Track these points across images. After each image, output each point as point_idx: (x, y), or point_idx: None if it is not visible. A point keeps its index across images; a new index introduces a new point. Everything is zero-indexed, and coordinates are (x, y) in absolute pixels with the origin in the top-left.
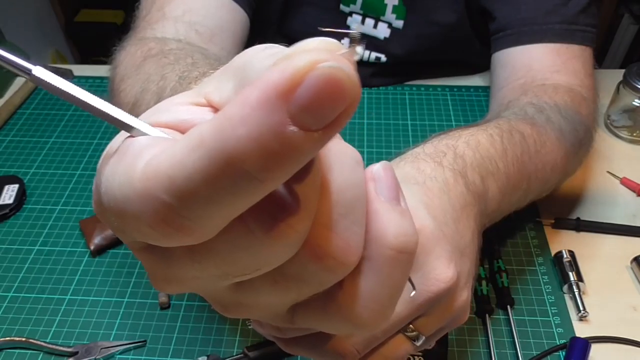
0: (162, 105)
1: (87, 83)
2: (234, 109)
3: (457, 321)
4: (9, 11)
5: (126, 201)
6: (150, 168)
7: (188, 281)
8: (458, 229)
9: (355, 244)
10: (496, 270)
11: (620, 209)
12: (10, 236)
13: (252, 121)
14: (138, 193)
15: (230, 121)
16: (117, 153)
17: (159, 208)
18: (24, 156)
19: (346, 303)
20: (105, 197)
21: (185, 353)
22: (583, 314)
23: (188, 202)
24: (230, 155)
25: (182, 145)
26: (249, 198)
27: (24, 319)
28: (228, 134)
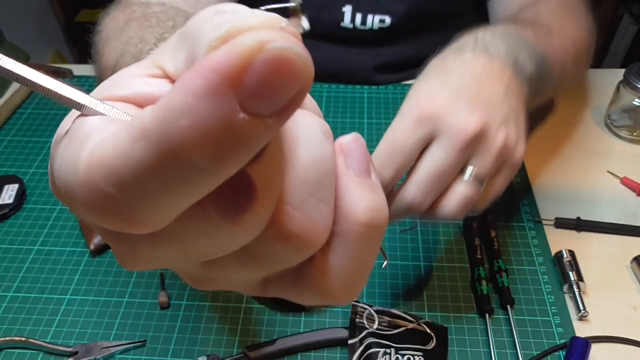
0: (117, 77)
1: (87, 83)
2: (176, 97)
3: (508, 162)
4: (9, 11)
5: (72, 190)
6: (94, 157)
7: (154, 261)
8: (482, 91)
9: (323, 223)
10: (496, 270)
11: (620, 208)
12: (10, 236)
13: (197, 110)
14: (82, 183)
15: (173, 111)
16: (66, 135)
17: (103, 200)
18: (24, 156)
19: (317, 278)
20: (57, 181)
21: (185, 353)
22: (583, 314)
23: (134, 194)
24: (174, 147)
25: (125, 135)
26: (200, 189)
27: (24, 318)
28: (171, 124)
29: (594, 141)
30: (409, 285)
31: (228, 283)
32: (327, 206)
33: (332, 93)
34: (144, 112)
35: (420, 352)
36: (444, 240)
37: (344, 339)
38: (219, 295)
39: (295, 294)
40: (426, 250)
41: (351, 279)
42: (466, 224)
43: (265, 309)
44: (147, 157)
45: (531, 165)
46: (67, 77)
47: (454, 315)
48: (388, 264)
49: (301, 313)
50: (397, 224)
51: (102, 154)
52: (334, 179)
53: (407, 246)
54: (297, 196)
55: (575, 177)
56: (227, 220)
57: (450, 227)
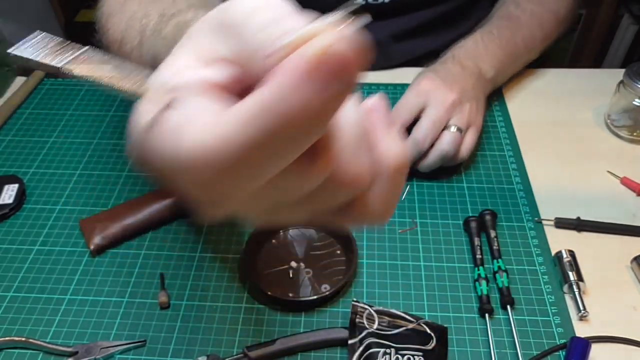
0: (168, 72)
1: (87, 83)
2: (284, 80)
3: (473, 124)
4: (9, 11)
5: (177, 170)
6: (199, 143)
7: (238, 210)
8: (457, 82)
9: (369, 169)
10: (496, 270)
11: (621, 208)
12: (10, 236)
13: (304, 90)
14: (190, 164)
15: (285, 90)
16: (159, 123)
17: (209, 176)
18: (24, 156)
19: (363, 209)
20: (158, 162)
21: (185, 353)
22: (583, 314)
23: (238, 169)
24: (291, 116)
25: (243, 112)
26: (299, 150)
27: (24, 318)
28: (286, 101)
29: (594, 141)
30: (409, 285)
31: (286, 220)
32: (369, 157)
33: None
34: (255, 96)
35: (420, 352)
36: (444, 240)
37: (344, 339)
38: (219, 295)
39: (343, 222)
40: (426, 250)
41: (388, 205)
42: (466, 224)
43: (265, 309)
44: (268, 126)
45: (531, 165)
46: (67, 77)
47: (454, 315)
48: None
49: (301, 313)
50: (397, 224)
51: (208, 138)
52: (370, 133)
53: (407, 246)
54: (348, 150)
55: (575, 177)
56: (312, 167)
57: (450, 227)
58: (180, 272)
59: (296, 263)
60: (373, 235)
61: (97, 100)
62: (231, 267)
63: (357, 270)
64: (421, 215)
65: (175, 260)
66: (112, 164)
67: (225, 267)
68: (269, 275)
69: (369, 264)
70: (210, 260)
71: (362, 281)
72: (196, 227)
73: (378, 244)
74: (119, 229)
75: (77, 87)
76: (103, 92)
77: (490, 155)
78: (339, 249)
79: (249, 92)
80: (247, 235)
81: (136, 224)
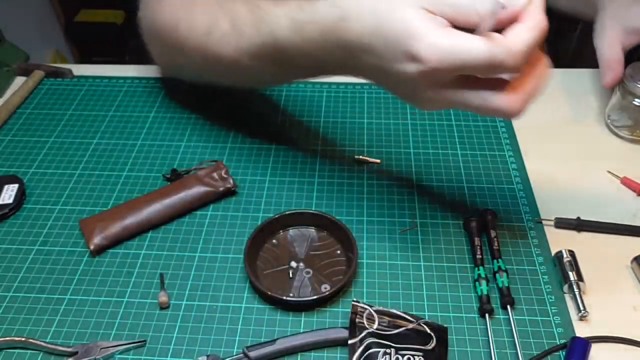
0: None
1: (86, 83)
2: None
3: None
4: (9, 11)
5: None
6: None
7: (444, 103)
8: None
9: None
10: (496, 270)
11: (621, 208)
12: (10, 236)
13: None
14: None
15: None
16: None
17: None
18: (24, 156)
19: (512, 94)
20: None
21: (185, 353)
22: (583, 314)
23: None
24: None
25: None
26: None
27: (24, 318)
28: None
29: (594, 141)
30: (409, 285)
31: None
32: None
33: (332, 93)
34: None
35: (420, 352)
36: (444, 240)
37: (344, 339)
38: (219, 295)
39: (485, 103)
40: (426, 250)
41: (532, 95)
42: (466, 224)
43: (265, 309)
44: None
45: (531, 165)
46: (67, 77)
47: (454, 315)
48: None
49: (301, 313)
50: (397, 224)
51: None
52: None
53: (407, 246)
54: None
55: (575, 177)
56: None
57: (450, 227)
58: (180, 272)
59: (296, 263)
60: (373, 235)
61: (97, 100)
62: (231, 267)
63: (357, 270)
64: (421, 215)
65: (175, 260)
66: (112, 164)
67: (225, 267)
68: (269, 275)
69: (369, 264)
70: (210, 260)
71: (362, 281)
72: (195, 228)
73: (378, 244)
74: (119, 229)
75: (77, 87)
76: (103, 92)
77: (490, 155)
78: (339, 249)
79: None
80: (247, 235)
81: (136, 224)
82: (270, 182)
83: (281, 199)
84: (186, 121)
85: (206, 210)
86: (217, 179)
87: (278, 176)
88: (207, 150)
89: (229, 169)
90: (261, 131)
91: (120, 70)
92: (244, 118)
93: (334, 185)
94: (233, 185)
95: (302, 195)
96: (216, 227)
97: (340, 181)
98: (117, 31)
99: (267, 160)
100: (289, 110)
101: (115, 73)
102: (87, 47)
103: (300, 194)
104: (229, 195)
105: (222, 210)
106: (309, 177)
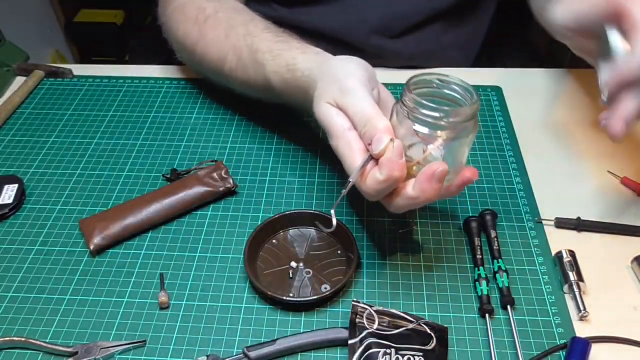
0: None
1: (86, 83)
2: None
3: None
4: (9, 11)
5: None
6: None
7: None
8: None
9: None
10: (496, 270)
11: (620, 208)
12: (10, 236)
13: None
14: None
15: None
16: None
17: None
18: (24, 156)
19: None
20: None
21: (185, 353)
22: (583, 314)
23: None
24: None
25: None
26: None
27: (24, 318)
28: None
29: (594, 141)
30: (409, 285)
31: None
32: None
33: None
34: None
35: (420, 352)
36: (444, 240)
37: (344, 339)
38: (219, 295)
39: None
40: (426, 250)
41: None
42: (466, 224)
43: (265, 309)
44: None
45: (531, 165)
46: (67, 77)
47: (454, 315)
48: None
49: (301, 313)
50: (397, 224)
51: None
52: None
53: (407, 246)
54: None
55: (575, 177)
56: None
57: (450, 227)
58: (180, 272)
59: (296, 263)
60: (373, 235)
61: (97, 100)
62: (231, 267)
63: (357, 270)
64: (421, 215)
65: (175, 260)
66: (112, 164)
67: (225, 267)
68: (269, 275)
69: (369, 264)
70: (210, 260)
71: (362, 281)
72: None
73: (378, 244)
74: (119, 229)
75: (77, 87)
76: (103, 92)
77: (490, 155)
78: (339, 249)
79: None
80: (247, 235)
81: (136, 224)
82: (270, 182)
83: (281, 199)
84: (186, 121)
85: (206, 210)
86: (217, 179)
87: (278, 176)
88: (207, 150)
89: (229, 169)
90: (261, 131)
91: (120, 70)
92: (244, 118)
93: (334, 185)
94: (233, 185)
95: (302, 195)
96: (216, 227)
97: (340, 181)
98: (117, 31)
99: (267, 160)
100: (289, 110)
101: (115, 73)
102: (87, 47)
103: (300, 194)
104: (229, 195)
105: (222, 210)
106: (309, 177)
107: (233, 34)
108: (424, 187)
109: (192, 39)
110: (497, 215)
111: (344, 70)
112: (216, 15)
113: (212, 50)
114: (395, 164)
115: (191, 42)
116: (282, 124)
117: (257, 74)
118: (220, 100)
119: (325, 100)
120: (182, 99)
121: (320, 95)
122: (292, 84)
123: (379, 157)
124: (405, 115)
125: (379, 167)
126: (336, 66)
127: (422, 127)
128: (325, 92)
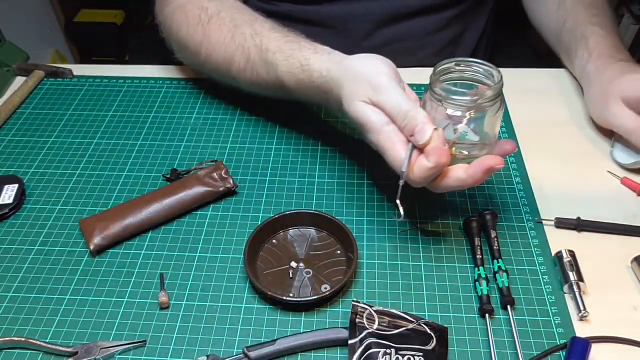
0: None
1: (86, 83)
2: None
3: None
4: (9, 11)
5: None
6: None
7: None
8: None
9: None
10: (496, 270)
11: (620, 208)
12: (10, 236)
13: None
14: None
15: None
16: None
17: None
18: (24, 156)
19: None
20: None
21: (185, 353)
22: (583, 314)
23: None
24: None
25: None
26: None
27: (24, 318)
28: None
29: (594, 141)
30: (409, 285)
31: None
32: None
33: None
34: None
35: (420, 352)
36: (444, 240)
37: (344, 339)
38: (219, 295)
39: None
40: (426, 250)
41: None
42: (466, 224)
43: (265, 309)
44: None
45: (531, 165)
46: (67, 77)
47: (454, 315)
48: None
49: (301, 313)
50: (397, 224)
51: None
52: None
53: (407, 246)
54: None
55: (575, 177)
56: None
57: (450, 227)
58: (180, 272)
59: (296, 263)
60: (373, 235)
61: (97, 100)
62: (231, 267)
63: (357, 270)
64: (421, 215)
65: (175, 260)
66: (112, 164)
67: (225, 267)
68: (269, 275)
69: (369, 264)
70: (210, 260)
71: (362, 281)
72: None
73: (378, 244)
74: (119, 229)
75: (77, 87)
76: (103, 92)
77: None
78: (339, 249)
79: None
80: (247, 235)
81: (136, 224)
82: (270, 182)
83: (281, 199)
84: (186, 121)
85: (206, 210)
86: (217, 179)
87: (278, 176)
88: (207, 150)
89: (229, 169)
90: (261, 131)
91: (120, 70)
92: (244, 118)
93: (334, 185)
94: (233, 185)
95: (302, 195)
96: (216, 227)
97: (340, 181)
98: (117, 31)
99: (267, 160)
100: (289, 110)
101: (115, 73)
102: (87, 47)
103: (300, 194)
104: (229, 195)
105: (222, 210)
106: (309, 177)
107: (239, 34)
108: (477, 177)
109: (196, 40)
110: (497, 215)
111: (372, 69)
112: (219, 15)
113: (218, 51)
114: (442, 150)
115: (195, 43)
116: (282, 124)
117: (268, 74)
118: (220, 100)
119: (358, 99)
120: (182, 99)
121: (351, 95)
122: (308, 84)
123: (424, 146)
124: (437, 102)
125: (426, 155)
126: (360, 65)
127: (454, 111)
128: (357, 92)
